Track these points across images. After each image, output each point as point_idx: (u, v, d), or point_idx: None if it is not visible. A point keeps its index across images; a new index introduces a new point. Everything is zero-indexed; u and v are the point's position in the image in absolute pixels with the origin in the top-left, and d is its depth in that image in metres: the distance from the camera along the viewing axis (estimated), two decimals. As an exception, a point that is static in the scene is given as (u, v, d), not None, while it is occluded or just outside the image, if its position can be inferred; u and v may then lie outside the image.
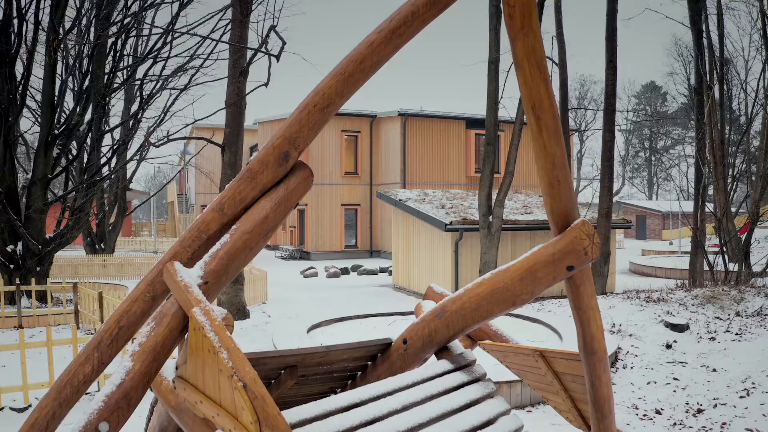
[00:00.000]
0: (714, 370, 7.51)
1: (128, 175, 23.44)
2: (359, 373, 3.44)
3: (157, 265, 2.35)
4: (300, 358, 2.96)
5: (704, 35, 16.28)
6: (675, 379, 7.21)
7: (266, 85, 10.46)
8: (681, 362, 7.78)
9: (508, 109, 25.51)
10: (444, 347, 3.01)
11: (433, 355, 3.12)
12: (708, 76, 16.07)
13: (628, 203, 49.75)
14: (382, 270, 21.45)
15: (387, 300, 14.79)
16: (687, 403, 6.49)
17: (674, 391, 6.85)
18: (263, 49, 10.58)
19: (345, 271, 21.30)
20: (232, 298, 11.65)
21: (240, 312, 11.69)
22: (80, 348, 4.98)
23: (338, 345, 3.03)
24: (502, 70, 13.43)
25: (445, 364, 2.88)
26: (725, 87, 21.63)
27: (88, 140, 15.52)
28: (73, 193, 15.10)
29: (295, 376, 3.08)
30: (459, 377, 2.79)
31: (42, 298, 12.91)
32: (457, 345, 3.01)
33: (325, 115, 2.24)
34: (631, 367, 7.54)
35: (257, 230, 2.26)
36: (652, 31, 73.78)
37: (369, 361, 3.33)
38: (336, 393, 3.58)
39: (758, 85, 19.74)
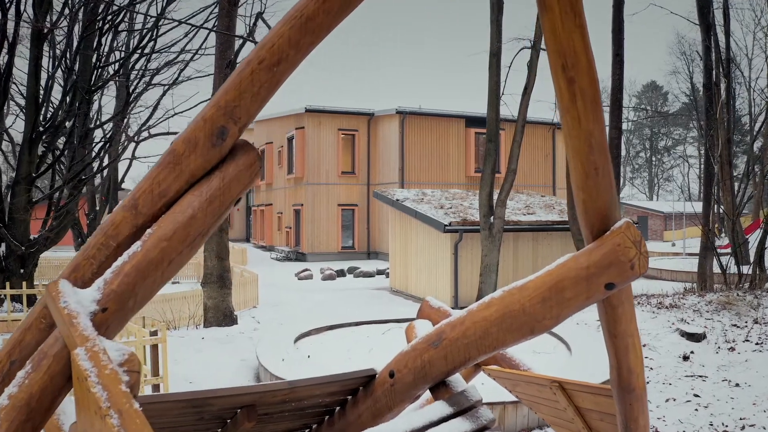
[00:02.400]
0: (737, 385, 6.88)
1: (120, 174, 22.83)
2: (338, 408, 2.81)
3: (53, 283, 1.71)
4: (257, 396, 2.34)
5: (712, 30, 15.69)
6: (696, 395, 6.57)
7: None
8: (700, 376, 7.14)
9: (509, 107, 24.92)
10: (441, 382, 2.39)
11: (428, 390, 2.50)
12: (716, 71, 15.47)
13: (628, 204, 49.16)
14: (379, 272, 20.81)
15: (383, 304, 14.15)
16: (711, 424, 5.86)
17: (696, 409, 6.22)
18: (250, 38, 9.95)
19: (341, 273, 20.66)
20: (218, 303, 11.00)
21: (227, 318, 11.04)
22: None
23: (305, 380, 2.40)
24: (503, 66, 12.81)
25: (442, 407, 2.24)
26: (731, 85, 21.04)
27: (75, 137, 14.89)
28: (59, 192, 14.47)
29: (254, 417, 2.45)
30: (460, 426, 2.15)
31: (31, 301, 12.30)
32: (457, 380, 2.38)
33: (275, 75, 1.61)
34: (648, 382, 6.89)
35: (179, 235, 1.62)
36: (654, 29, 73.20)
37: (348, 395, 2.70)
38: (311, 430, 2.96)
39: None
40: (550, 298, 1.93)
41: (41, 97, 16.56)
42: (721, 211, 16.37)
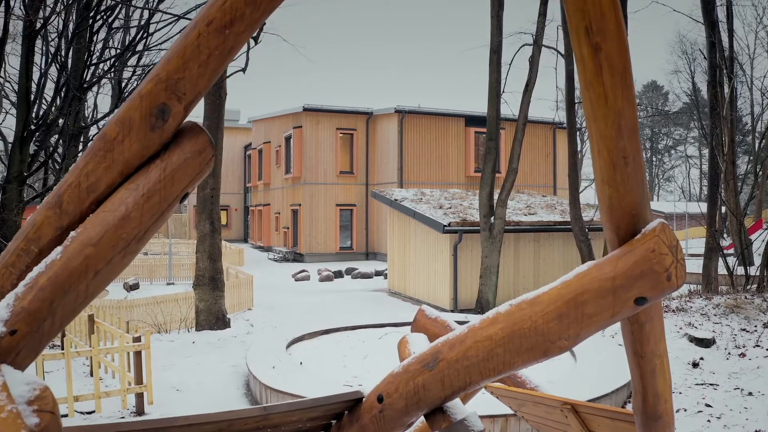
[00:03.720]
0: (750, 393, 6.56)
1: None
2: (321, 432, 2.48)
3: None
4: (225, 425, 2.02)
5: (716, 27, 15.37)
6: (707, 405, 6.25)
7: (244, 70, 9.53)
8: (711, 384, 6.82)
9: (510, 105, 24.59)
10: (438, 408, 2.07)
11: (423, 417, 2.18)
12: (721, 68, 15.15)
13: (630, 204, 48.69)
14: (378, 273, 20.50)
15: (381, 306, 13.83)
16: (725, 437, 5.54)
17: (708, 421, 5.90)
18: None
19: (338, 274, 20.33)
20: (210, 306, 10.69)
21: (219, 321, 10.72)
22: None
23: (282, 405, 2.08)
24: (503, 63, 12.49)
25: (438, 440, 1.92)
26: (734, 83, 20.73)
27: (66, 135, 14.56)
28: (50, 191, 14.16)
29: (224, 446, 2.13)
30: (460, 463, 1.83)
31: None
32: (456, 406, 2.05)
33: (227, 39, 1.29)
34: (656, 391, 6.58)
35: (108, 239, 1.30)
36: (655, 28, 72.88)
37: (333, 420, 2.38)
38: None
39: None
40: (568, 314, 1.61)
41: (33, 94, 16.27)
42: (723, 211, 16.06)
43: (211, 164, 1.39)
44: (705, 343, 7.99)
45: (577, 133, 15.19)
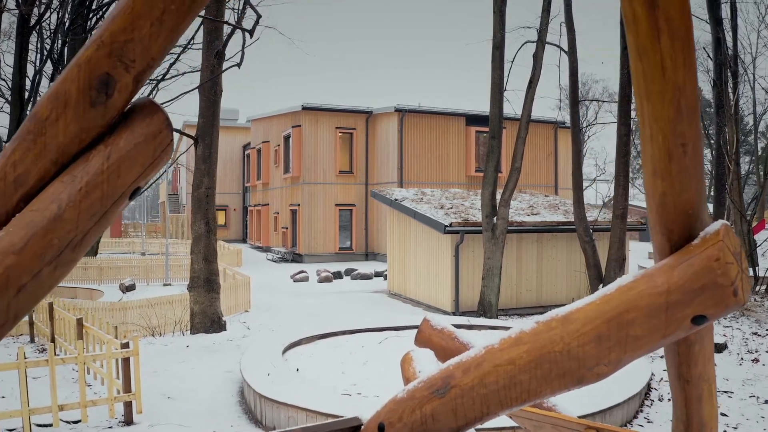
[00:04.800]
0: (766, 402, 6.29)
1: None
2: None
3: None
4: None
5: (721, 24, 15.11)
6: (723, 414, 5.98)
7: (239, 65, 9.26)
8: (726, 392, 6.55)
9: (512, 104, 24.33)
10: (447, 437, 1.79)
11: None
12: (726, 66, 14.88)
13: (630, 204, 48.53)
14: (377, 274, 20.22)
15: (381, 308, 13.55)
16: (744, 449, 5.27)
17: (724, 431, 5.62)
18: (238, 24, 9.34)
19: (338, 275, 20.05)
20: (205, 308, 10.40)
21: (215, 324, 10.44)
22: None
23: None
24: (506, 61, 12.20)
25: (449, 479, 1.64)
26: (738, 82, 20.46)
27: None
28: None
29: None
30: None
31: None
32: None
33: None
34: (668, 399, 6.29)
35: (36, 247, 1.02)
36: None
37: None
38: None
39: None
40: (609, 336, 1.33)
41: (27, 91, 16.00)
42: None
43: (169, 151, 1.11)
44: (717, 348, 7.72)
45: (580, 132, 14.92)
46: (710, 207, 15.27)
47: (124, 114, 1.09)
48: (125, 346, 5.88)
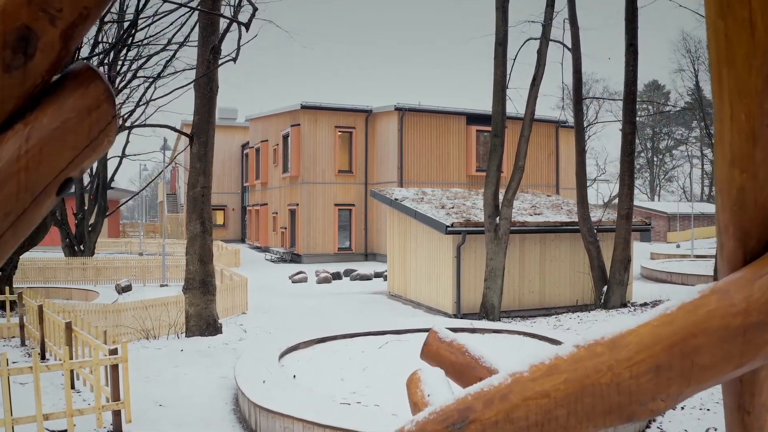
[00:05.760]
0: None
1: (110, 171, 21.93)
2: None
3: None
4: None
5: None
6: (739, 423, 5.71)
7: (234, 60, 9.00)
8: (740, 399, 6.28)
9: (513, 102, 24.08)
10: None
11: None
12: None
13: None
14: (377, 275, 19.97)
15: (381, 310, 13.30)
16: (763, 461, 5.00)
17: (742, 441, 5.36)
18: (234, 18, 9.09)
19: (337, 276, 19.80)
20: (201, 311, 10.15)
21: (210, 326, 10.18)
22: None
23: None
24: (508, 58, 11.94)
25: None
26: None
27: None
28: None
29: None
30: None
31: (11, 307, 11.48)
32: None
33: None
34: (682, 408, 6.04)
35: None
36: (656, 27, 72.35)
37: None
38: None
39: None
40: (671, 365, 1.07)
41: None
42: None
43: (112, 131, 0.86)
44: None
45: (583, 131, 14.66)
46: (708, 206, 15.01)
47: (51, 83, 0.83)
48: (113, 352, 5.62)
